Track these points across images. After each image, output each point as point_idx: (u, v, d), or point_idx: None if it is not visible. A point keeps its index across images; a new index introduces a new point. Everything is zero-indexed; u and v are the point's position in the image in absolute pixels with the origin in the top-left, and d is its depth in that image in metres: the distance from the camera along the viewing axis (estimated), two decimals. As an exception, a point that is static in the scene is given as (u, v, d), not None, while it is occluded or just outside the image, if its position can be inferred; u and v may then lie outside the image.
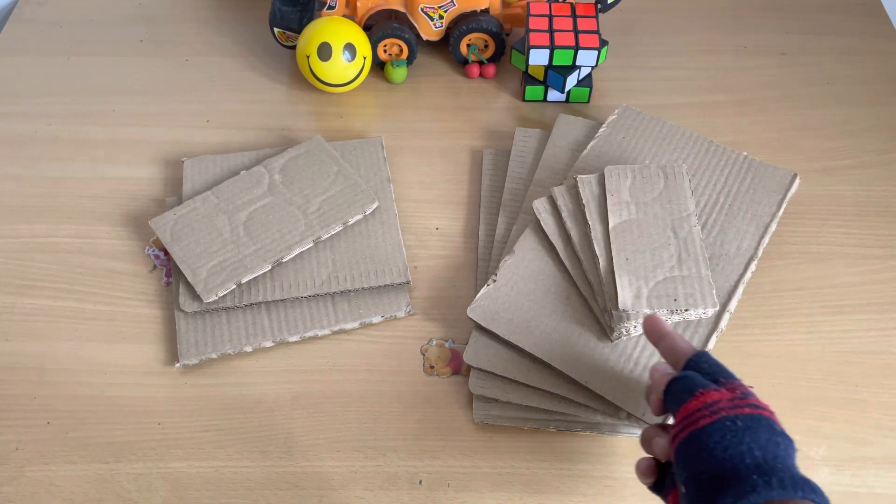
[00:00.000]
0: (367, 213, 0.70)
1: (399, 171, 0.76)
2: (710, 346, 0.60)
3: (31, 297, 0.68)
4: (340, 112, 0.82)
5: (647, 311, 0.59)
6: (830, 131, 0.79)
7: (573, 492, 0.57)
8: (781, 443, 0.43)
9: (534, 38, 0.76)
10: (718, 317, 0.61)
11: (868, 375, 0.63)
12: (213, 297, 0.64)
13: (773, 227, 0.68)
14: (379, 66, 0.85)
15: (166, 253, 0.70)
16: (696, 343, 0.60)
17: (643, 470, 0.49)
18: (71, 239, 0.71)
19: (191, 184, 0.73)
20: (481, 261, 0.69)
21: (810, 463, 0.58)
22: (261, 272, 0.66)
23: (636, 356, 0.60)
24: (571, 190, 0.67)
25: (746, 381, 0.62)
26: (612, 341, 0.60)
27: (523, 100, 0.82)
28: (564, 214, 0.66)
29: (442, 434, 0.60)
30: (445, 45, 0.85)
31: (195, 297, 0.65)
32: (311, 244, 0.68)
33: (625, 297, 0.59)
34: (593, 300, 0.62)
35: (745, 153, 0.73)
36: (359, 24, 0.83)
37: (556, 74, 0.78)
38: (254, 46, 0.88)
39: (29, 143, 0.79)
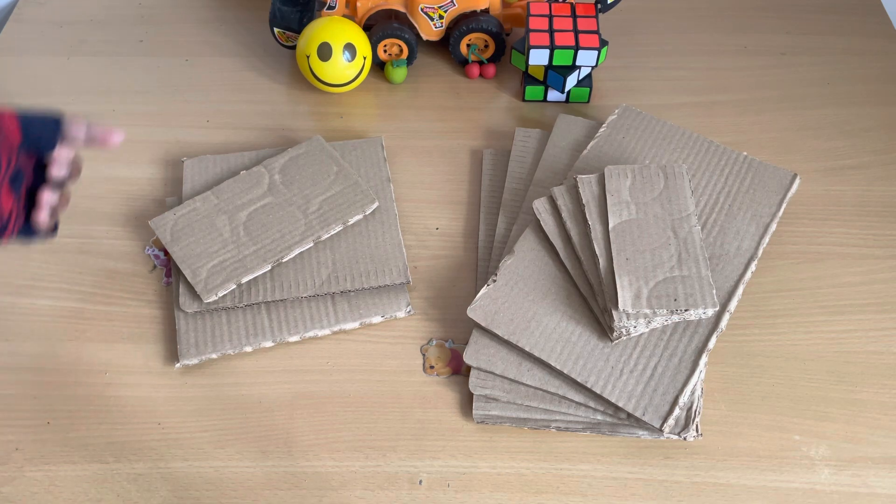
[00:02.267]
0: (367, 213, 0.70)
1: (399, 171, 0.76)
2: (710, 346, 0.60)
3: (31, 297, 0.68)
4: (340, 112, 0.82)
5: (647, 311, 0.59)
6: (830, 131, 0.79)
7: (573, 492, 0.58)
8: None
9: (534, 38, 0.76)
10: (718, 317, 0.61)
11: (868, 375, 0.63)
12: (213, 297, 0.64)
13: (773, 227, 0.68)
14: (379, 66, 0.85)
15: (166, 253, 0.70)
16: (695, 343, 0.60)
17: None
18: (71, 239, 0.71)
19: (191, 184, 0.73)
20: (481, 261, 0.69)
21: (810, 463, 0.58)
22: (261, 272, 0.66)
23: (636, 356, 0.60)
24: (571, 190, 0.67)
25: (746, 381, 0.62)
26: (612, 341, 0.60)
27: (523, 100, 0.82)
28: (564, 214, 0.66)
29: (442, 434, 0.60)
30: (445, 45, 0.85)
31: (195, 297, 0.65)
32: (311, 244, 0.68)
33: (625, 297, 0.59)
34: (593, 300, 0.62)
35: (745, 153, 0.73)
36: (359, 24, 0.83)
37: (556, 74, 0.79)
38: (254, 46, 0.88)
39: (29, 143, 0.79)
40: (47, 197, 0.51)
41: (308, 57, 0.78)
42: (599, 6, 0.79)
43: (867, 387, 0.62)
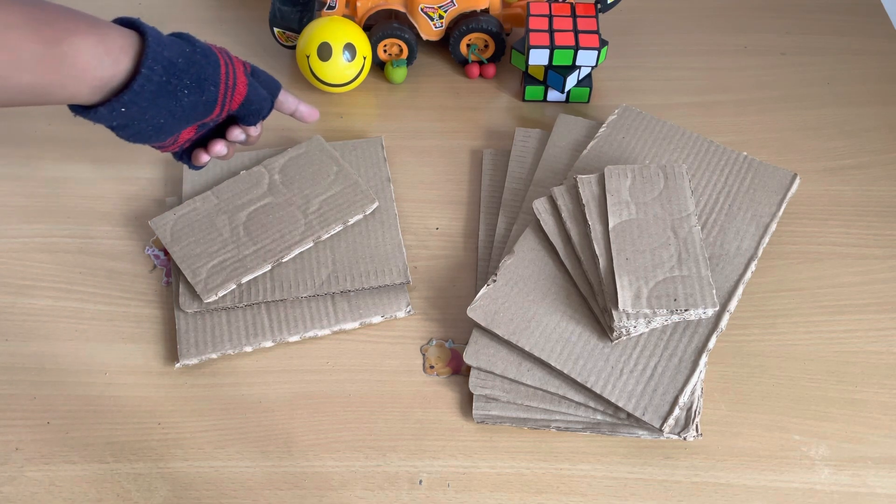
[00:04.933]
0: (367, 213, 0.70)
1: (399, 171, 0.76)
2: (710, 346, 0.60)
3: (31, 297, 0.68)
4: (340, 112, 0.82)
5: (647, 311, 0.59)
6: (830, 131, 0.79)
7: (573, 492, 0.58)
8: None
9: (534, 38, 0.76)
10: (718, 317, 0.61)
11: (868, 375, 0.63)
12: (213, 298, 0.64)
13: (773, 227, 0.68)
14: (379, 66, 0.85)
15: (166, 253, 0.70)
16: (695, 343, 0.60)
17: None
18: (71, 239, 0.71)
19: (191, 184, 0.73)
20: (481, 261, 0.69)
21: (810, 463, 0.58)
22: (261, 272, 0.66)
23: (636, 356, 0.60)
24: (571, 190, 0.67)
25: (746, 381, 0.62)
26: (612, 341, 0.60)
27: (523, 100, 0.82)
28: (564, 214, 0.66)
29: (442, 434, 0.60)
30: (445, 45, 0.85)
31: (195, 297, 0.65)
32: (311, 244, 0.68)
33: (625, 297, 0.59)
34: (593, 300, 0.62)
35: (745, 153, 0.73)
36: (359, 24, 0.83)
37: (556, 74, 0.79)
38: (254, 46, 0.88)
39: (29, 143, 0.79)
40: (218, 147, 0.61)
41: (308, 57, 0.78)
42: (599, 6, 0.79)
43: (867, 387, 0.62)
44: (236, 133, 0.60)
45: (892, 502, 0.57)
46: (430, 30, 0.83)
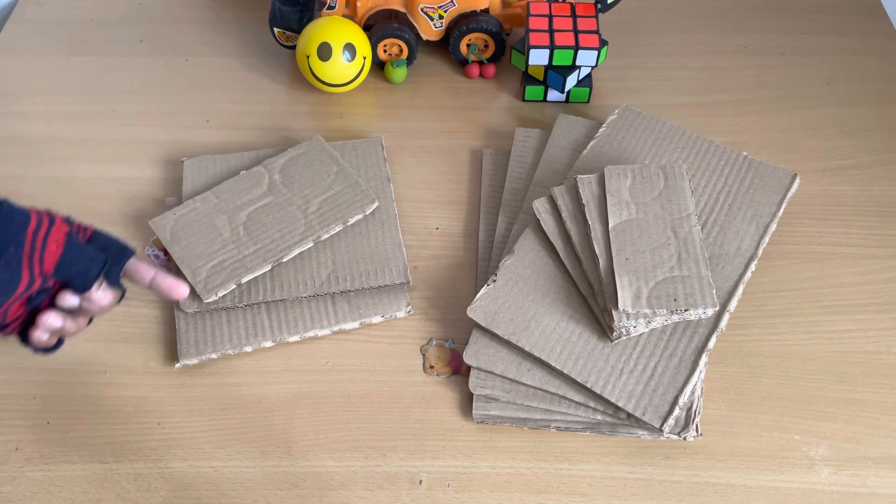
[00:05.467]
0: (367, 213, 0.70)
1: (399, 171, 0.76)
2: (710, 346, 0.60)
3: (31, 297, 0.68)
4: (340, 112, 0.82)
5: (647, 311, 0.59)
6: (830, 131, 0.79)
7: (573, 492, 0.58)
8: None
9: (534, 38, 0.76)
10: (718, 317, 0.61)
11: (868, 375, 0.63)
12: (213, 297, 0.64)
13: (773, 227, 0.68)
14: (379, 66, 0.85)
15: (166, 253, 0.70)
16: (695, 343, 0.60)
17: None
18: (71, 239, 0.71)
19: (191, 184, 0.73)
20: (481, 261, 0.69)
21: (810, 463, 0.58)
22: (261, 272, 0.66)
23: (636, 356, 0.60)
24: (571, 190, 0.67)
25: (747, 381, 0.62)
26: (612, 341, 0.60)
27: (523, 100, 0.82)
28: (564, 214, 0.66)
29: (442, 434, 0.60)
30: (445, 45, 0.85)
31: (195, 297, 0.65)
32: (311, 244, 0.68)
33: (625, 297, 0.59)
34: (593, 300, 0.62)
35: (745, 153, 0.73)
36: (359, 24, 0.83)
37: (556, 74, 0.79)
38: (254, 46, 0.88)
39: (29, 143, 0.79)
40: (46, 318, 0.50)
41: (308, 57, 0.78)
42: (599, 6, 0.79)
43: (867, 387, 0.62)
44: (66, 298, 0.50)
45: (892, 502, 0.57)
46: (430, 30, 0.83)
